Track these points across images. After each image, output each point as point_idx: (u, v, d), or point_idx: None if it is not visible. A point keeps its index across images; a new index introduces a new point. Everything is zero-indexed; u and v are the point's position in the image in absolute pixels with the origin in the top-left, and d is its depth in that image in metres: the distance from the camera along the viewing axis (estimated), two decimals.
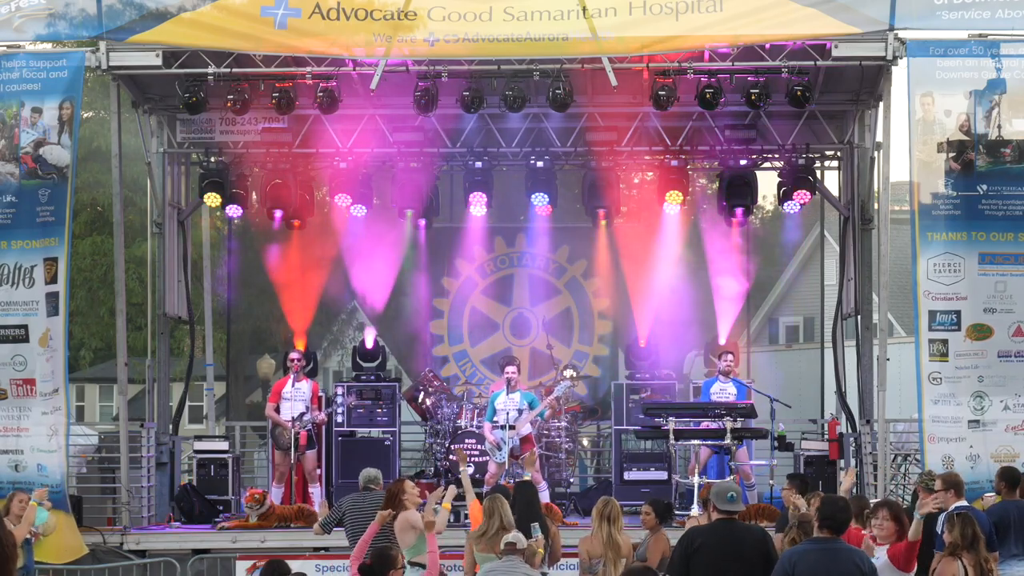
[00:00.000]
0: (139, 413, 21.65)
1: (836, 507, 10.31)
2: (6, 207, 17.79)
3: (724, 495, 10.85)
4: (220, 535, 18.42)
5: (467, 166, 21.06)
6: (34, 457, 17.59)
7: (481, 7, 17.49)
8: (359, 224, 21.46)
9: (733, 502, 10.81)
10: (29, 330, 17.68)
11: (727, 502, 10.81)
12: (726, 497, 10.82)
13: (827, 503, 10.40)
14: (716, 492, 10.99)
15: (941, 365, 17.28)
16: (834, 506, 10.33)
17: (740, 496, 10.97)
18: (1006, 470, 14.57)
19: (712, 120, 20.45)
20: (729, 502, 10.80)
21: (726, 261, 21.49)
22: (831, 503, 10.40)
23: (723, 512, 10.82)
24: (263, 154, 20.88)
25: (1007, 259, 17.32)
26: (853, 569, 10.00)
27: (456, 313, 23.74)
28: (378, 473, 14.18)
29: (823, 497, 10.72)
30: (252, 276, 24.48)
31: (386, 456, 20.17)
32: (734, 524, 10.82)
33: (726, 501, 10.81)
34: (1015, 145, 17.36)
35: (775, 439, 19.05)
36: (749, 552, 10.62)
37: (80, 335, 30.22)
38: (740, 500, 10.96)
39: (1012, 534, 13.69)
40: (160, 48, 18.11)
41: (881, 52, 17.61)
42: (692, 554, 10.64)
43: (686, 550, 10.70)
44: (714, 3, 17.45)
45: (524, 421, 18.75)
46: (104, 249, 28.73)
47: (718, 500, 10.88)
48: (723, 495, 10.86)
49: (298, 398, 19.59)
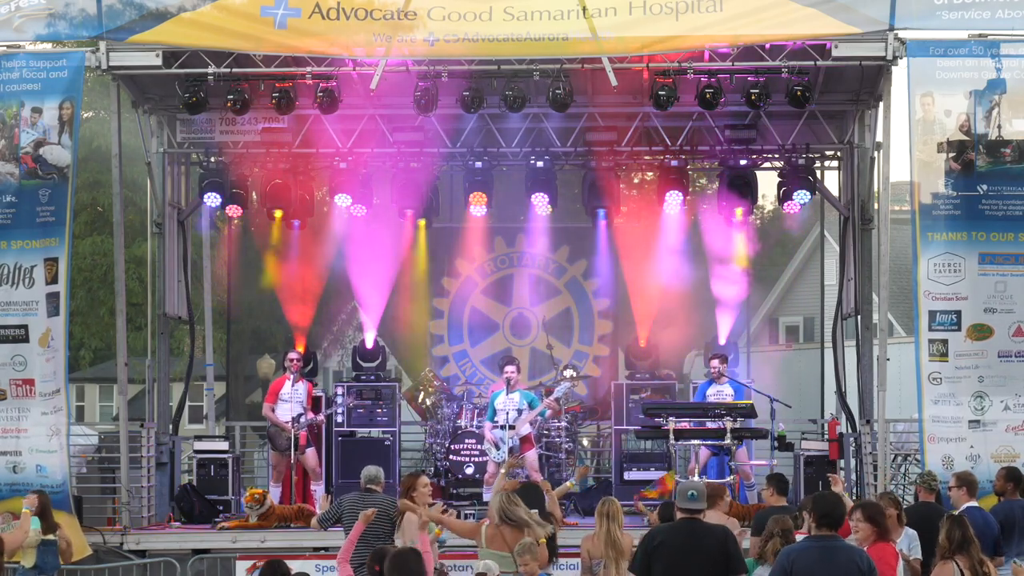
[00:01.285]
0: (139, 413, 21.64)
1: (829, 503, 10.31)
2: (6, 207, 17.79)
3: (685, 493, 10.91)
4: (220, 535, 18.42)
5: (467, 166, 21.06)
6: (32, 458, 17.58)
7: (481, 7, 17.49)
8: (359, 224, 21.46)
9: (694, 500, 10.84)
10: (29, 330, 17.68)
11: (688, 500, 10.85)
12: (687, 495, 10.87)
13: (820, 501, 10.37)
14: (679, 491, 11.07)
15: (941, 365, 17.28)
16: (827, 503, 10.32)
17: (702, 495, 10.98)
18: (1011, 470, 14.60)
19: (712, 120, 20.45)
20: (690, 500, 10.84)
21: (726, 261, 21.48)
22: (824, 500, 10.38)
23: (684, 511, 10.85)
24: (263, 154, 20.88)
25: (1007, 259, 17.32)
26: (851, 567, 9.97)
27: (456, 313, 23.74)
28: (379, 471, 14.16)
29: (815, 496, 10.70)
30: (252, 276, 24.45)
31: (386, 456, 20.17)
32: (695, 523, 10.83)
33: (687, 499, 10.86)
34: (1015, 145, 17.36)
35: (775, 439, 19.06)
36: (709, 550, 10.61)
37: (80, 335, 30.21)
38: (702, 499, 10.98)
39: (1017, 534, 13.71)
40: (160, 48, 18.11)
41: (881, 52, 17.61)
42: (652, 552, 10.65)
43: (647, 549, 10.72)
44: (714, 3, 17.45)
45: (524, 421, 18.76)
46: (104, 249, 28.72)
47: (680, 499, 10.96)
48: (684, 493, 10.92)
49: (296, 399, 19.59)
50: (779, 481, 14.68)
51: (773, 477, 14.92)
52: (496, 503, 12.91)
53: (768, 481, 14.79)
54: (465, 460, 19.74)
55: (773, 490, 14.43)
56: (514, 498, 12.96)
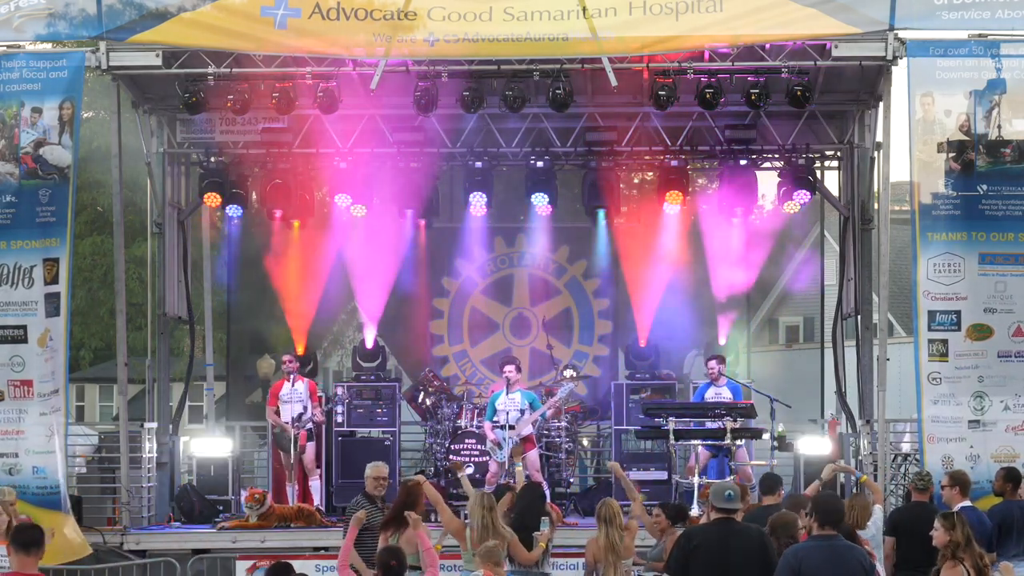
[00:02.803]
0: (139, 413, 21.64)
1: (830, 502, 10.35)
2: (5, 207, 17.78)
3: (722, 493, 10.87)
4: (220, 535, 18.42)
5: (467, 166, 21.06)
6: (29, 459, 17.56)
7: (481, 7, 17.48)
8: (359, 224, 21.45)
9: (731, 500, 10.82)
10: (28, 330, 17.67)
11: (725, 500, 10.82)
12: (724, 496, 10.83)
13: (820, 501, 10.44)
14: (714, 491, 11.01)
15: (941, 365, 17.27)
16: (827, 502, 10.37)
17: (738, 495, 10.97)
18: (1009, 470, 14.59)
19: (712, 120, 20.45)
20: (727, 500, 10.81)
21: (726, 261, 21.48)
22: (824, 500, 10.46)
23: (721, 511, 10.83)
24: (263, 154, 20.88)
25: (1007, 259, 17.32)
26: (856, 566, 10.09)
27: (456, 313, 23.73)
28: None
29: (815, 496, 10.73)
30: (252, 276, 24.43)
31: (386, 456, 20.14)
32: (732, 523, 10.83)
33: (724, 500, 10.82)
34: (1015, 145, 17.36)
35: (775, 439, 19.05)
36: (747, 551, 10.61)
37: (80, 335, 30.19)
38: (738, 499, 10.96)
39: (1015, 534, 13.71)
40: (160, 48, 18.11)
41: (881, 52, 17.61)
42: (690, 554, 10.64)
43: (684, 550, 10.72)
44: (714, 3, 17.45)
45: (525, 422, 18.75)
46: (104, 249, 28.71)
47: (716, 499, 10.90)
48: (721, 494, 10.88)
49: (296, 399, 19.63)
50: (772, 480, 14.73)
51: (769, 477, 14.98)
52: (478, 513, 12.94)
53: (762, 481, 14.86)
54: (465, 460, 19.71)
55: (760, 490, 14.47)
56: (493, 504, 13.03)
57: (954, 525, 11.23)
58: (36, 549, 9.20)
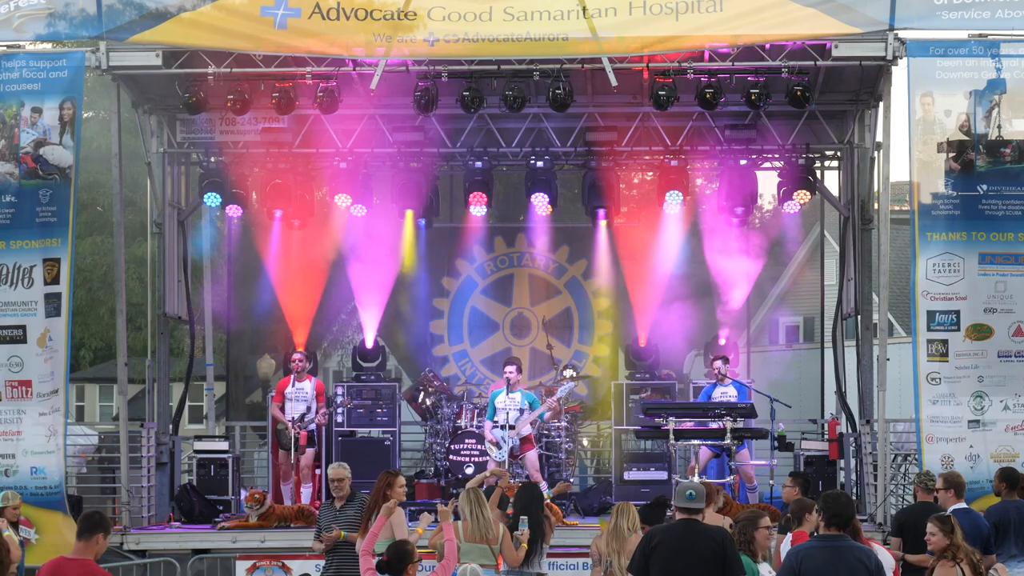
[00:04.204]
0: (139, 413, 21.64)
1: (839, 503, 10.26)
2: (5, 207, 17.79)
3: (684, 493, 10.81)
4: (220, 535, 18.42)
5: (467, 166, 21.06)
6: (26, 460, 17.56)
7: (481, 7, 17.49)
8: (359, 224, 21.45)
9: (692, 500, 10.74)
10: (27, 330, 17.67)
11: (687, 500, 10.76)
12: (685, 496, 10.77)
13: (830, 500, 10.31)
14: (677, 491, 10.96)
15: (940, 365, 17.28)
16: (837, 502, 10.27)
17: (702, 495, 10.87)
18: (1006, 471, 14.57)
19: (712, 120, 20.46)
20: (688, 500, 10.74)
21: (726, 261, 21.47)
22: (834, 499, 10.32)
23: (684, 511, 10.80)
24: (263, 154, 20.87)
25: (1007, 259, 17.33)
26: (859, 566, 9.95)
27: (456, 313, 23.75)
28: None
29: (824, 495, 10.67)
30: (252, 276, 24.44)
31: (386, 456, 20.18)
32: (693, 523, 10.72)
33: (685, 499, 10.76)
34: (1015, 145, 17.37)
35: (775, 439, 19.05)
36: (705, 551, 10.52)
37: (80, 335, 30.19)
38: (701, 499, 10.87)
39: (1012, 535, 13.69)
40: (160, 48, 18.12)
41: (881, 52, 17.62)
42: (651, 553, 10.61)
43: (644, 549, 10.68)
44: (714, 3, 17.45)
45: (525, 422, 18.74)
46: (104, 249, 28.71)
47: (678, 499, 10.84)
48: (683, 494, 10.82)
49: (299, 398, 19.60)
50: (803, 479, 14.84)
51: (799, 475, 15.09)
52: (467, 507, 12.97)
53: (792, 477, 14.87)
54: (465, 460, 19.72)
55: (797, 488, 14.45)
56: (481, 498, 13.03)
57: (952, 528, 11.21)
58: (96, 534, 9.82)
